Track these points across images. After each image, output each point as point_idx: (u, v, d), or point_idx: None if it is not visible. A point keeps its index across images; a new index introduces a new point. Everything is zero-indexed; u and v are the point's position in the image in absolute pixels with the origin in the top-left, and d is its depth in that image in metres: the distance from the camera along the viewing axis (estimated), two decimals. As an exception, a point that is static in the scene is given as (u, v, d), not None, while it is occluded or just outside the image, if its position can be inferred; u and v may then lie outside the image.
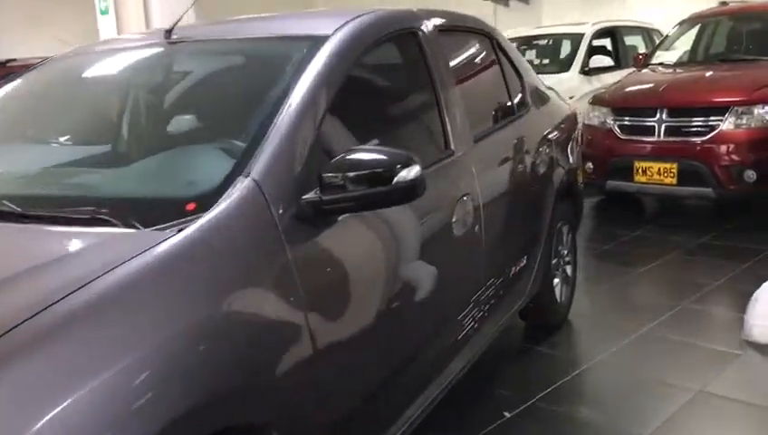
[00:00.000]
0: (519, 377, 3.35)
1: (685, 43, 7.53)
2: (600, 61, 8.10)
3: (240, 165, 1.80)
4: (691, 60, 7.16)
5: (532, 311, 3.70)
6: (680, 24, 7.59)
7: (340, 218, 1.91)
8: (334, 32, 2.26)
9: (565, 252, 3.89)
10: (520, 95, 3.51)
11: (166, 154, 2.07)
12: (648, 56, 7.38)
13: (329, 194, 1.84)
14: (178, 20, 2.54)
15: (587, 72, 7.99)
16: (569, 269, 3.95)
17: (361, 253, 2.01)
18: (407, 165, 1.85)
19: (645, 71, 7.06)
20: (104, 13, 7.37)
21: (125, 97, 2.47)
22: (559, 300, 3.80)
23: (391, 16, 2.61)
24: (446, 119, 2.64)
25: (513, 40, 9.27)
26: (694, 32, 7.44)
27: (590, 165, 6.39)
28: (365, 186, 1.83)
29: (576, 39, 8.42)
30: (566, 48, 8.70)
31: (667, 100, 5.95)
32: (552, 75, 8.21)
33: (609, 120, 6.21)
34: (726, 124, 5.59)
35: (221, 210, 1.67)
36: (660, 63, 7.12)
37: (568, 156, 3.88)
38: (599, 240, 5.69)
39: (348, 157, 1.87)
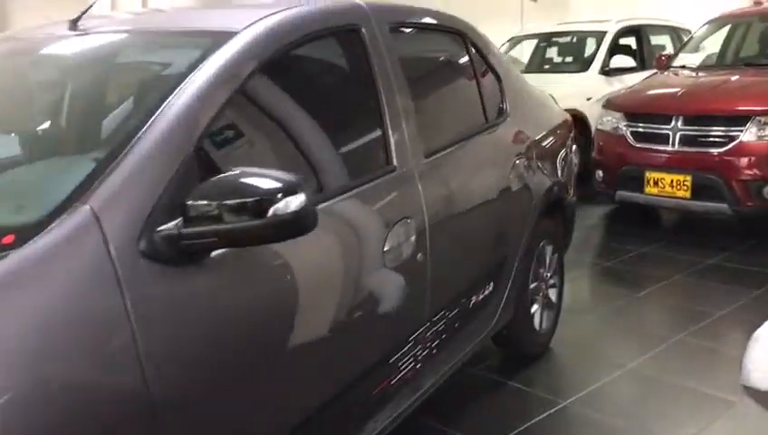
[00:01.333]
0: (480, 417, 3.00)
1: (714, 45, 7.05)
2: (622, 61, 7.64)
3: (82, 187, 1.48)
4: (718, 63, 6.68)
5: (506, 339, 3.36)
6: (708, 23, 7.10)
7: (214, 255, 1.59)
8: (244, 28, 1.94)
9: (548, 274, 3.52)
10: (496, 102, 3.15)
11: (10, 168, 1.77)
12: (671, 58, 6.91)
13: (191, 226, 1.52)
14: (87, 10, 2.23)
15: (607, 72, 7.55)
16: (552, 293, 3.58)
17: (245, 298, 1.67)
18: (289, 193, 1.52)
19: (666, 73, 6.61)
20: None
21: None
22: (537, 328, 3.44)
23: (327, 11, 2.27)
24: (389, 130, 2.30)
25: (532, 37, 8.90)
26: (724, 33, 6.95)
27: (600, 173, 5.99)
28: (236, 217, 1.51)
29: (599, 37, 7.97)
30: (590, 46, 8.25)
31: (684, 106, 5.50)
32: (571, 75, 7.81)
33: (622, 126, 5.78)
34: (747, 135, 5.13)
35: (40, 246, 1.36)
36: (683, 66, 6.65)
37: (557, 167, 3.51)
38: (602, 255, 5.30)
39: (219, 181, 1.55)
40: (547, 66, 8.56)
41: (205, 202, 1.52)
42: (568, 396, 3.12)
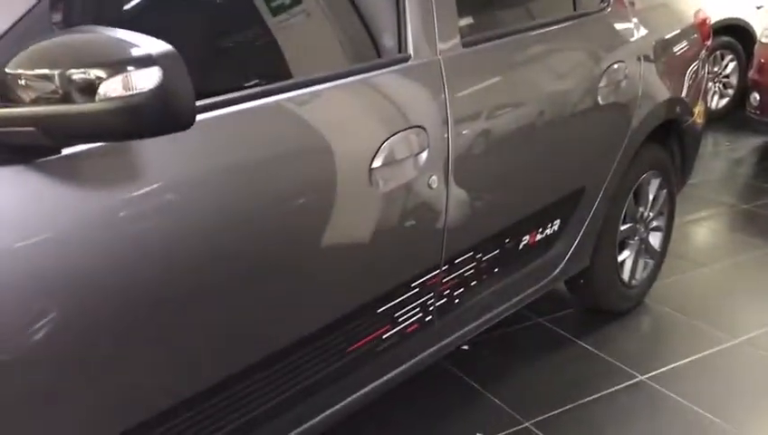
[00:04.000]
0: (528, 380, 2.43)
1: None
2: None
3: None
4: None
5: (582, 289, 2.73)
6: None
7: (66, 153, 1.11)
8: None
9: (649, 214, 2.81)
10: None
11: None
12: None
13: (3, 106, 1.04)
14: None
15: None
16: (654, 239, 2.87)
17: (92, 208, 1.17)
18: (141, 64, 1.00)
19: None
20: None
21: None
22: (626, 279, 2.77)
23: None
24: (405, 3, 1.70)
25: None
26: None
27: (755, 96, 4.97)
28: (62, 99, 1.02)
29: None
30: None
31: None
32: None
33: (791, 40, 4.71)
34: None
35: None
36: None
37: (677, 81, 2.73)
38: (742, 196, 4.39)
39: (51, 42, 1.05)
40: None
41: (24, 71, 1.03)
42: (648, 369, 2.47)
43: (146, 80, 1.00)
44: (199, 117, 1.17)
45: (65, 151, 1.12)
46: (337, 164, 1.50)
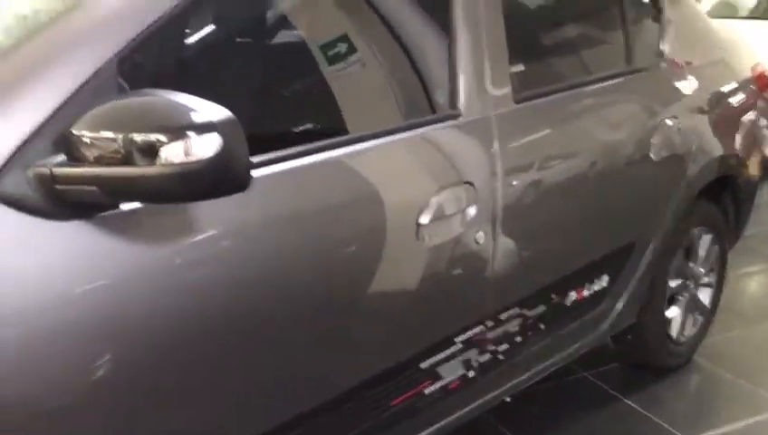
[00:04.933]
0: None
1: None
2: None
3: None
4: None
5: (628, 345, 2.67)
6: None
7: (126, 208, 1.15)
8: None
9: (701, 271, 2.75)
10: (650, 40, 2.40)
11: None
12: None
13: (68, 166, 1.08)
14: None
15: None
16: (704, 295, 2.80)
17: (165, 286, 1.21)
18: (202, 131, 1.03)
19: None
20: None
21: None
22: (674, 336, 2.71)
23: None
24: (458, 59, 1.71)
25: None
26: None
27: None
28: (123, 160, 1.05)
29: None
30: None
31: None
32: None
33: None
34: None
35: None
36: None
37: (730, 137, 2.68)
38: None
39: (116, 104, 1.09)
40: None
41: (89, 132, 1.07)
42: (696, 431, 2.40)
43: (206, 147, 1.02)
44: (256, 172, 1.20)
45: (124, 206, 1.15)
46: (385, 218, 1.51)
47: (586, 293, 2.20)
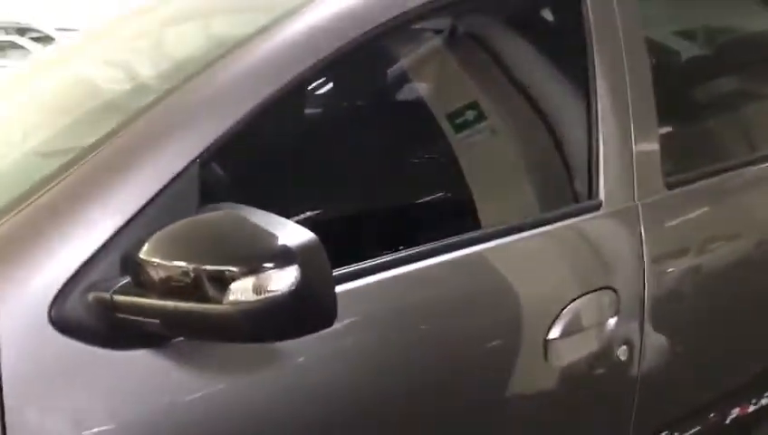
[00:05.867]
0: None
1: None
2: None
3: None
4: None
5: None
6: None
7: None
8: None
9: None
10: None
11: None
12: None
13: (131, 295, 0.93)
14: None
15: None
16: None
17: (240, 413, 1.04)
18: (279, 262, 0.85)
19: None
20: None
21: None
22: None
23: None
24: (599, 143, 1.45)
25: None
26: None
27: None
28: (186, 294, 0.89)
29: None
30: None
31: None
32: None
33: None
34: None
35: None
36: None
37: None
38: None
39: (186, 227, 0.94)
40: None
41: (151, 259, 0.92)
42: None
43: (282, 281, 0.85)
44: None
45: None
46: (511, 335, 1.29)
47: (751, 408, 1.84)
